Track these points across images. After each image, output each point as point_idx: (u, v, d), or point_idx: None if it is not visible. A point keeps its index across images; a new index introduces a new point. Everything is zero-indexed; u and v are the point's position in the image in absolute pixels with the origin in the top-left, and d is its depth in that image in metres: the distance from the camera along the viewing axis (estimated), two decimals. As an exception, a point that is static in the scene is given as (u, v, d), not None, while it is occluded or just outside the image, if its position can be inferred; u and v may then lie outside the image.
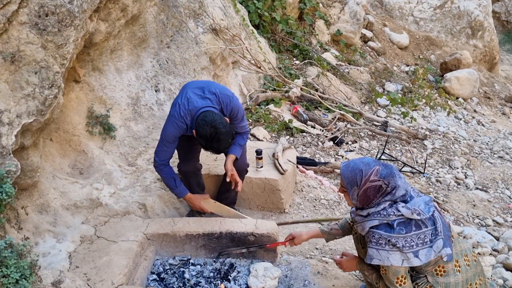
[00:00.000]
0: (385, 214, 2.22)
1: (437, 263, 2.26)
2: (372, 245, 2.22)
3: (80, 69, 3.65)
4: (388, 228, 2.20)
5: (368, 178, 2.23)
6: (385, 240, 2.19)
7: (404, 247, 2.16)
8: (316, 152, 5.01)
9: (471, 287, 2.33)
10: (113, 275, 2.53)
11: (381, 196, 2.24)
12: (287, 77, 6.32)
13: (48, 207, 2.90)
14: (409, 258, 2.17)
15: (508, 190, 4.88)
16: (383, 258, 2.19)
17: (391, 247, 2.17)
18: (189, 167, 3.26)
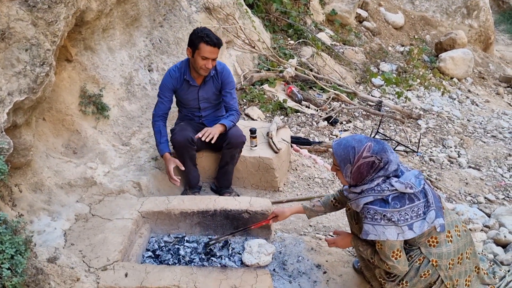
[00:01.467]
0: (379, 190, 2.25)
1: (430, 234, 2.30)
2: (368, 221, 2.25)
3: (72, 48, 3.61)
4: (383, 203, 2.23)
5: (361, 154, 2.26)
6: (380, 215, 2.21)
7: (399, 221, 2.20)
8: (310, 132, 5.02)
9: (462, 257, 2.38)
10: (108, 252, 2.55)
11: (374, 172, 2.27)
12: (282, 57, 6.29)
13: (42, 185, 2.90)
14: (404, 232, 2.21)
15: (500, 168, 4.93)
16: (379, 233, 2.22)
17: (387, 221, 2.20)
18: (182, 137, 3.30)
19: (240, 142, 3.44)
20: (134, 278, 2.38)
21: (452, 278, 2.37)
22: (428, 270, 2.33)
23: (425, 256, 2.32)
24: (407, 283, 2.36)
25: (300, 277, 2.76)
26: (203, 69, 3.23)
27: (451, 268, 2.35)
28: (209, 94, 3.47)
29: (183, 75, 3.37)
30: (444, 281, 2.34)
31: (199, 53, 3.17)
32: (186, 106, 3.55)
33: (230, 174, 3.61)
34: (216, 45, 3.16)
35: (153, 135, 3.92)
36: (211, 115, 3.59)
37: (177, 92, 3.45)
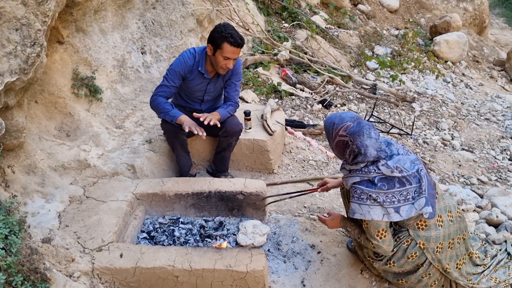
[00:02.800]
0: (366, 171, 2.28)
1: (419, 218, 2.33)
2: (354, 200, 2.28)
3: (63, 30, 3.56)
4: (370, 184, 2.26)
5: (337, 132, 2.32)
6: (366, 195, 2.25)
7: (385, 202, 2.23)
8: (305, 115, 5.01)
9: (453, 241, 2.41)
10: (103, 233, 2.55)
11: (352, 155, 2.30)
12: (276, 40, 6.24)
13: (36, 168, 2.89)
14: (389, 213, 2.24)
15: (493, 150, 4.95)
16: (364, 212, 2.25)
17: (372, 202, 2.24)
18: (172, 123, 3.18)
19: (237, 131, 3.39)
20: (129, 258, 2.38)
21: (441, 261, 2.41)
22: (416, 252, 2.37)
23: (413, 239, 2.36)
24: (394, 263, 2.41)
25: (294, 257, 2.78)
26: (223, 68, 3.08)
27: (439, 252, 2.39)
28: (216, 88, 3.36)
29: (198, 65, 3.17)
30: (432, 263, 2.39)
31: (221, 52, 3.00)
32: (188, 96, 3.38)
33: (226, 159, 3.59)
34: (240, 46, 3.00)
35: (146, 118, 3.92)
36: (210, 107, 3.47)
37: (186, 80, 3.23)
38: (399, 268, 2.44)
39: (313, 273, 2.67)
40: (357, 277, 2.68)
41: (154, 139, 3.66)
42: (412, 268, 2.44)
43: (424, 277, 2.45)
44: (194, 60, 3.17)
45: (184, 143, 3.37)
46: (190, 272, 2.34)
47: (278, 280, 2.60)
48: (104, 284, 2.33)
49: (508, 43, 10.11)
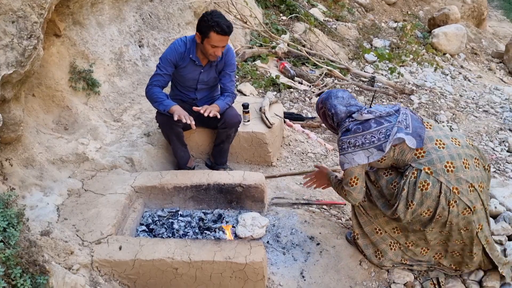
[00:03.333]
0: (343, 125, 2.46)
1: (412, 151, 2.35)
2: (340, 153, 2.42)
3: (60, 23, 3.54)
4: (347, 132, 2.41)
5: (317, 106, 2.64)
6: (346, 144, 2.37)
7: (365, 144, 2.33)
8: (303, 108, 5.01)
9: (467, 162, 2.33)
10: (102, 226, 2.55)
11: (330, 120, 2.55)
12: (274, 33, 6.22)
13: (34, 161, 2.88)
14: (372, 153, 2.32)
15: (491, 142, 4.96)
16: (350, 160, 2.37)
17: (353, 147, 2.35)
18: (167, 116, 3.16)
19: (235, 122, 3.38)
20: (128, 251, 2.38)
21: (460, 181, 2.29)
22: (425, 180, 2.30)
23: (417, 168, 2.32)
24: (412, 202, 2.34)
25: (293, 249, 2.78)
26: (212, 55, 3.08)
27: (452, 171, 2.29)
28: (209, 78, 3.34)
29: (189, 53, 3.17)
30: (449, 187, 2.28)
31: (208, 41, 2.99)
32: (182, 85, 3.38)
33: (225, 152, 3.59)
34: (227, 33, 2.98)
35: (144, 111, 3.91)
36: (206, 97, 3.46)
37: (178, 68, 3.23)
38: (420, 207, 2.34)
39: (312, 265, 2.67)
40: (356, 268, 2.69)
41: (152, 132, 3.65)
42: (432, 203, 2.32)
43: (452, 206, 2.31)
44: (185, 47, 3.18)
45: (180, 135, 3.33)
46: (189, 264, 2.34)
47: (277, 272, 2.61)
48: (103, 276, 2.33)
49: (507, 35, 10.08)
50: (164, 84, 3.24)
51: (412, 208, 2.35)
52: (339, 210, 3.27)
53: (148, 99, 3.24)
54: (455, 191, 2.28)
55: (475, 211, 2.34)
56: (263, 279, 2.38)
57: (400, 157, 2.36)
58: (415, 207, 2.34)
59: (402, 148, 2.34)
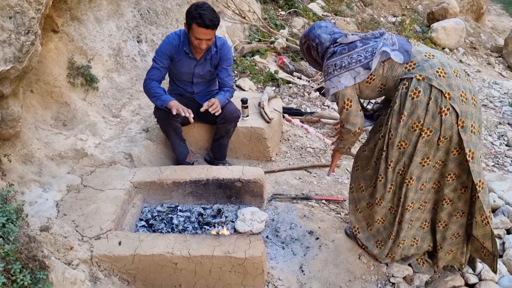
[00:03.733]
0: (328, 51, 2.41)
1: (402, 65, 2.26)
2: (325, 78, 2.38)
3: (58, 18, 3.53)
4: (332, 56, 2.36)
5: (300, 42, 2.57)
6: (332, 67, 2.33)
7: (351, 64, 2.28)
8: (302, 103, 5.00)
9: (458, 73, 2.25)
10: (101, 221, 2.55)
11: (315, 52, 2.48)
12: (273, 28, 6.21)
13: (32, 157, 2.88)
14: (359, 73, 2.28)
15: (490, 136, 4.96)
16: (336, 84, 2.30)
17: (339, 70, 2.30)
18: (165, 111, 3.15)
19: (234, 117, 3.38)
20: (127, 246, 2.39)
21: (451, 87, 2.19)
22: (417, 87, 2.20)
23: (408, 78, 2.23)
24: (403, 114, 2.23)
25: (293, 243, 2.79)
26: (196, 47, 3.08)
27: (443, 77, 2.20)
28: (205, 71, 3.34)
29: (183, 45, 3.17)
30: (441, 90, 2.17)
31: (192, 33, 2.99)
32: (179, 79, 3.40)
33: (225, 147, 3.59)
34: (209, 27, 2.93)
35: (143, 107, 3.90)
36: (203, 91, 3.47)
37: (173, 61, 3.23)
38: (411, 118, 2.21)
39: (311, 259, 2.68)
40: (355, 262, 2.70)
41: (151, 128, 3.65)
42: (422, 112, 2.18)
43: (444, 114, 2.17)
44: (179, 40, 3.18)
45: (178, 130, 3.33)
46: (189, 259, 2.34)
47: (276, 266, 2.61)
48: (103, 271, 2.34)
49: (506, 30, 10.07)
50: (161, 78, 3.23)
51: (403, 120, 2.23)
52: (338, 204, 3.28)
53: (146, 94, 3.25)
54: (447, 96, 2.16)
55: (465, 127, 2.17)
56: (262, 274, 2.38)
57: (390, 73, 2.27)
58: (406, 118, 2.23)
59: (392, 64, 2.26)
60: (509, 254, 2.83)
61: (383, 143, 2.38)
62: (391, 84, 2.30)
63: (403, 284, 2.60)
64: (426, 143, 2.25)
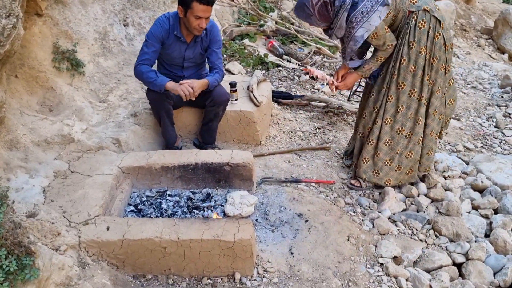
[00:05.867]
0: (345, 2, 2.70)
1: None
2: (355, 28, 2.72)
3: (41, 1, 3.45)
4: (355, 5, 2.69)
5: (312, 3, 2.74)
6: (360, 15, 2.68)
7: (373, 6, 2.65)
8: (292, 86, 4.97)
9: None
10: (89, 207, 2.53)
11: (332, 8, 2.75)
12: (262, 11, 6.14)
13: (18, 143, 2.84)
14: (381, 11, 2.66)
15: (479, 118, 4.98)
16: (369, 27, 2.69)
17: (367, 15, 2.66)
18: (158, 93, 3.15)
19: (224, 100, 3.36)
20: (116, 231, 2.37)
21: (443, 18, 2.82)
22: (423, 18, 2.76)
23: (416, 11, 2.77)
24: (414, 40, 2.80)
25: (282, 226, 2.80)
26: (196, 29, 3.04)
27: (439, 10, 2.83)
28: (195, 54, 3.31)
29: (173, 29, 3.14)
30: (440, 20, 2.78)
31: (192, 12, 2.95)
32: (168, 63, 3.36)
33: (214, 131, 3.56)
34: (209, 3, 2.94)
35: (131, 91, 3.86)
36: (193, 75, 3.43)
37: (164, 45, 3.20)
38: (419, 45, 2.80)
39: (300, 241, 2.69)
40: (344, 243, 2.71)
41: (139, 112, 3.61)
42: (427, 41, 2.81)
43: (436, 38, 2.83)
44: (169, 24, 3.15)
45: (170, 112, 3.32)
46: (177, 243, 2.34)
47: (266, 249, 2.62)
48: (92, 257, 2.33)
49: (496, 11, 10.05)
50: (152, 62, 3.20)
51: (414, 47, 2.81)
52: (327, 187, 3.29)
53: (139, 79, 3.22)
54: (442, 26, 2.79)
55: (448, 49, 2.89)
56: (251, 256, 2.39)
57: (401, 5, 2.75)
58: (416, 45, 2.80)
59: None
60: (496, 233, 2.87)
61: (395, 68, 2.92)
62: (400, 15, 2.80)
63: (391, 264, 2.62)
64: (428, 64, 2.87)
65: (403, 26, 2.82)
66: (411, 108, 3.00)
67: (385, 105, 3.03)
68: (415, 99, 2.98)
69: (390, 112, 3.04)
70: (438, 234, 2.91)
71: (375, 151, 3.16)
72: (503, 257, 2.72)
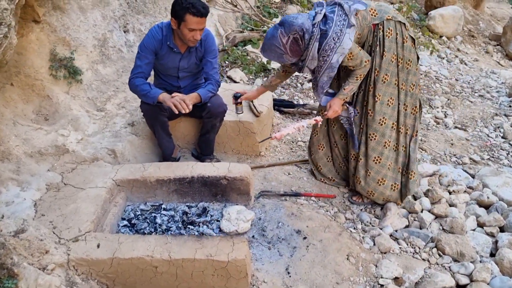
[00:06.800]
0: (313, 35, 2.62)
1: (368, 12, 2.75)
2: (330, 56, 2.65)
3: (39, 8, 3.39)
4: (324, 35, 2.62)
5: (282, 43, 2.61)
6: (332, 43, 2.61)
7: (342, 30, 2.60)
8: (294, 94, 4.89)
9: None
10: (80, 222, 2.46)
11: (303, 42, 2.64)
12: (266, 17, 6.06)
13: (10, 154, 2.78)
14: (349, 33, 2.60)
15: (486, 128, 4.87)
16: (341, 51, 2.61)
17: (338, 40, 2.60)
18: (151, 105, 3.06)
19: (220, 112, 3.27)
20: (106, 249, 2.30)
21: (405, 20, 2.86)
22: (389, 27, 2.74)
23: (381, 21, 2.75)
24: (384, 51, 2.76)
25: (279, 243, 2.71)
26: (191, 41, 2.96)
27: (399, 13, 2.92)
28: (190, 64, 3.23)
29: (166, 39, 3.06)
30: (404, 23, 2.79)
31: (185, 25, 2.87)
32: (164, 73, 3.28)
33: (211, 142, 3.48)
34: (203, 15, 2.87)
35: (129, 100, 3.79)
36: (189, 85, 3.35)
37: (158, 56, 3.12)
38: (389, 53, 2.77)
39: (298, 260, 2.60)
40: (343, 263, 2.62)
41: (136, 121, 3.54)
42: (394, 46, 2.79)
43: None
44: (162, 34, 3.06)
45: (165, 125, 3.24)
46: (169, 262, 2.26)
47: (262, 268, 2.54)
48: (81, 276, 2.26)
49: (504, 17, 9.92)
50: (147, 74, 3.11)
51: (385, 56, 2.77)
52: (327, 201, 3.20)
53: (133, 93, 3.14)
54: (407, 28, 2.80)
55: (417, 48, 2.91)
56: (246, 277, 2.30)
57: (364, 22, 2.72)
58: (386, 54, 2.77)
59: (362, 14, 2.71)
60: (501, 253, 2.76)
61: (369, 81, 2.87)
62: (366, 31, 2.76)
63: (392, 285, 2.53)
64: (402, 70, 2.84)
65: (372, 40, 2.79)
66: (392, 118, 2.94)
67: (366, 119, 2.97)
68: (393, 108, 2.92)
69: (372, 127, 2.95)
70: (442, 253, 2.81)
71: (365, 170, 3.06)
72: (508, 279, 2.62)
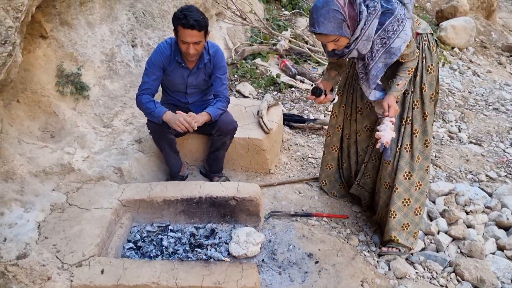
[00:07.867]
0: (372, 11, 2.28)
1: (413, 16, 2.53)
2: (391, 38, 2.34)
3: (46, 24, 3.35)
4: (388, 12, 2.30)
5: (340, 4, 2.21)
6: (396, 23, 2.32)
7: (406, 14, 2.34)
8: (305, 108, 4.80)
9: None
10: (84, 246, 2.38)
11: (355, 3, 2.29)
12: (275, 29, 6.01)
13: (14, 174, 2.71)
14: (410, 16, 2.38)
15: (502, 143, 4.73)
16: (404, 37, 2.35)
17: (400, 22, 2.32)
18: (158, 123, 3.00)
19: (231, 129, 3.18)
20: (110, 275, 2.21)
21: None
22: (432, 42, 2.67)
23: (425, 33, 2.65)
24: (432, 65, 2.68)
25: (290, 268, 2.60)
26: (186, 54, 2.89)
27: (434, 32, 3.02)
28: (198, 81, 3.16)
29: (175, 55, 2.99)
30: (437, 40, 2.75)
31: (179, 37, 2.81)
32: (172, 89, 3.22)
33: (221, 160, 3.40)
34: (193, 28, 2.71)
35: (137, 115, 3.73)
36: (198, 101, 3.29)
37: (165, 72, 3.05)
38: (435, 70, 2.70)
39: (310, 286, 2.49)
40: (357, 289, 2.51)
41: (144, 138, 3.47)
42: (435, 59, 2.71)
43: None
44: (171, 50, 2.99)
45: (172, 142, 3.17)
46: (176, 290, 2.17)
47: (272, 294, 2.43)
48: (83, 303, 2.17)
49: (517, 27, 9.78)
50: (154, 91, 3.05)
51: (433, 71, 2.68)
52: (339, 222, 3.09)
53: (140, 110, 3.09)
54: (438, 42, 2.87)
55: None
56: (256, 305, 2.20)
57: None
58: (434, 68, 2.68)
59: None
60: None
61: (415, 97, 2.71)
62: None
63: (409, 314, 2.41)
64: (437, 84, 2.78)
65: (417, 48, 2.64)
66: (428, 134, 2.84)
67: (412, 139, 2.79)
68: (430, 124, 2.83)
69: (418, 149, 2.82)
70: (461, 279, 2.69)
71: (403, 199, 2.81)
72: (532, 307, 2.49)
